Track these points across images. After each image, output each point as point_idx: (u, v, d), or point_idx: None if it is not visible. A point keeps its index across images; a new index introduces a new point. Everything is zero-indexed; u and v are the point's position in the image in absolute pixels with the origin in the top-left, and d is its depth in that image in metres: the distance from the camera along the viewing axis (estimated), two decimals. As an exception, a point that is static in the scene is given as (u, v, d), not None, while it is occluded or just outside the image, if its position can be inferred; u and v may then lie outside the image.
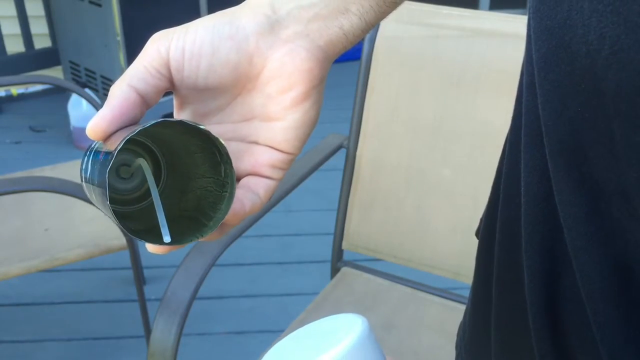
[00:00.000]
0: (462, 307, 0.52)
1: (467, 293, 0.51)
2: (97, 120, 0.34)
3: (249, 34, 0.35)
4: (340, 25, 0.37)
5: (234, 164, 0.35)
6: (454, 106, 1.11)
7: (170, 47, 0.35)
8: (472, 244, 0.45)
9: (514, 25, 1.06)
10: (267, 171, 0.38)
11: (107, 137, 0.35)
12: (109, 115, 0.34)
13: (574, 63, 0.27)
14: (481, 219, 0.44)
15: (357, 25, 0.38)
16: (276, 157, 0.38)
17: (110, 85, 2.38)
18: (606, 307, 0.29)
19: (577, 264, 0.30)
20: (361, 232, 1.23)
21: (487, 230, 0.41)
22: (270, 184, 0.38)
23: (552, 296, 0.33)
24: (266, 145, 0.38)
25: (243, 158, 0.38)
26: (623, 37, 0.24)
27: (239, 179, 0.38)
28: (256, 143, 0.38)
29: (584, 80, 0.26)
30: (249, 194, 0.37)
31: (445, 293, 1.20)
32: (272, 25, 0.36)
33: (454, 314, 1.14)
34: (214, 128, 0.38)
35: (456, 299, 1.18)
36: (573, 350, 0.32)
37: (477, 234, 0.45)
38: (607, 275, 0.29)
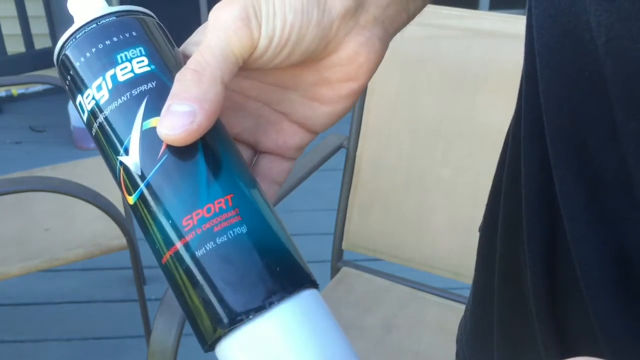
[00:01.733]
0: (462, 307, 0.52)
1: (467, 293, 0.51)
2: (193, 128, 0.27)
3: (334, 18, 0.31)
4: (407, 8, 0.34)
5: (254, 133, 0.30)
6: (454, 106, 1.11)
7: (262, 33, 0.29)
8: (472, 244, 0.45)
9: (514, 25, 1.06)
10: (293, 153, 0.35)
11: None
12: (206, 124, 0.27)
13: (578, 50, 0.27)
14: (484, 215, 0.44)
15: (419, 6, 0.35)
16: (305, 140, 0.35)
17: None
18: (604, 297, 0.29)
19: (576, 253, 0.30)
20: (361, 232, 1.22)
21: (489, 223, 0.41)
22: (290, 167, 0.35)
23: (554, 287, 0.33)
24: (297, 123, 0.34)
25: (268, 131, 0.34)
26: (617, 26, 0.24)
27: (256, 150, 0.34)
28: (285, 116, 0.34)
29: (587, 66, 0.26)
30: (271, 186, 0.34)
31: (445, 293, 1.20)
32: (357, 7, 0.31)
33: (454, 313, 1.14)
34: (239, 82, 0.33)
35: (456, 298, 1.18)
36: (577, 341, 0.33)
37: (480, 230, 0.45)
38: (606, 265, 0.29)
